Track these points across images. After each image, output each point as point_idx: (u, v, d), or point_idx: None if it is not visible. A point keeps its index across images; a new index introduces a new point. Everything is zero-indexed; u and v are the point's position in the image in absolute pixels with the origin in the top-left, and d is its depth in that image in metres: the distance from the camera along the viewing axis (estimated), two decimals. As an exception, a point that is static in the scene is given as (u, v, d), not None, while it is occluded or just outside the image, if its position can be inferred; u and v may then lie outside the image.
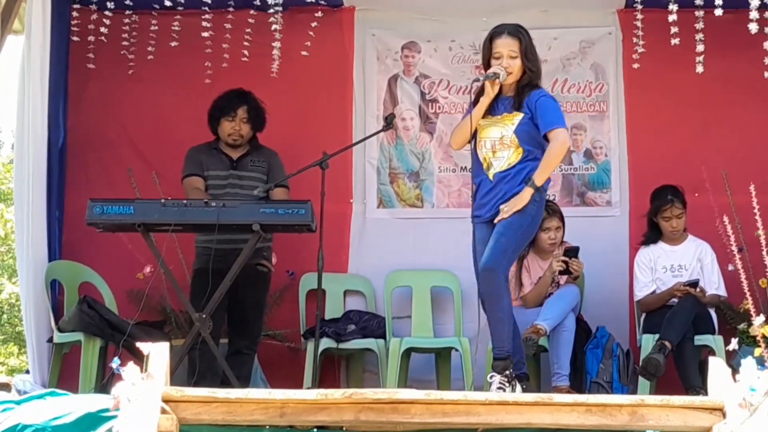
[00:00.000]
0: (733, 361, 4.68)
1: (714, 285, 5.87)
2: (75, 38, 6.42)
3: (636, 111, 6.57)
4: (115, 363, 3.33)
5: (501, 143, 4.88)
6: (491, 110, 4.95)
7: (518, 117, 4.89)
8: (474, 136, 4.96)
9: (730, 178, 6.25)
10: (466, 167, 6.46)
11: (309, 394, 3.37)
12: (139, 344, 3.35)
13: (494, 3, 6.60)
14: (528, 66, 4.90)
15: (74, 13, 6.39)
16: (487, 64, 4.96)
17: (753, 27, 5.29)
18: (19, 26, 6.34)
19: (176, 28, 6.33)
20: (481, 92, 4.95)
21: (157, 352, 3.34)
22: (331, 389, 3.42)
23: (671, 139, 6.48)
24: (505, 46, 4.90)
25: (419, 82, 6.72)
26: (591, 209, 6.56)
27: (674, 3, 5.52)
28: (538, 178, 4.78)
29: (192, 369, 5.43)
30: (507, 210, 4.75)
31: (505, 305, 4.75)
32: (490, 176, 4.89)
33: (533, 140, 4.88)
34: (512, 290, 5.92)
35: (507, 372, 4.68)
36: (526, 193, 4.76)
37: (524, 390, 4.71)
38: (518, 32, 4.95)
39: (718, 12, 5.43)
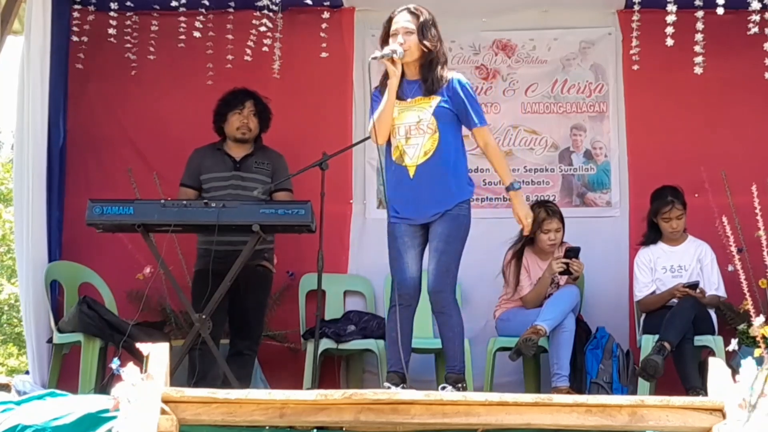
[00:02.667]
0: (732, 361, 4.69)
1: (714, 285, 5.87)
2: (75, 38, 6.42)
3: (636, 112, 6.57)
4: (114, 363, 3.33)
5: (417, 128, 4.68)
6: (400, 95, 4.71)
7: (435, 100, 4.68)
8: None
9: (729, 179, 6.25)
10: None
11: (309, 395, 3.37)
12: (138, 345, 3.36)
13: (494, 3, 6.60)
14: (424, 44, 4.66)
15: (74, 14, 6.39)
16: (384, 44, 4.75)
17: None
18: (18, 27, 6.34)
19: (177, 29, 6.33)
20: (386, 78, 4.72)
21: (157, 353, 3.34)
22: (330, 390, 3.42)
23: (671, 139, 6.48)
24: (401, 22, 4.71)
25: (419, 83, 6.71)
26: (591, 210, 6.56)
27: (673, 4, 5.52)
28: (510, 178, 4.74)
29: (192, 370, 5.44)
30: (529, 224, 4.73)
31: (454, 323, 4.72)
32: (409, 170, 4.68)
33: (450, 124, 4.70)
34: (509, 290, 5.95)
35: (459, 385, 4.65)
36: (521, 198, 4.73)
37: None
38: (417, 10, 4.75)
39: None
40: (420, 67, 4.73)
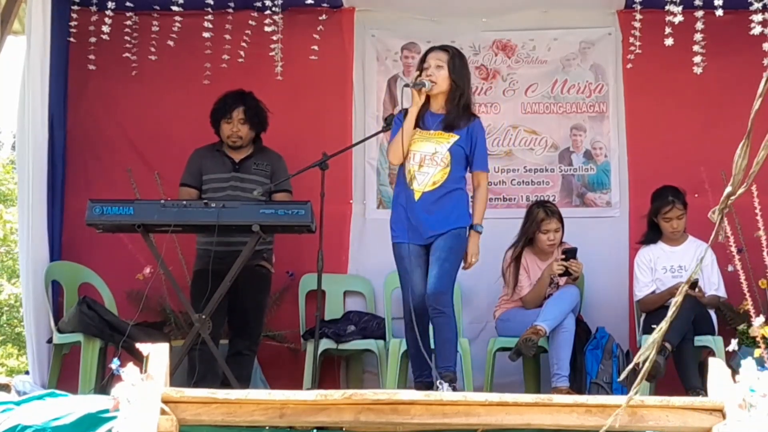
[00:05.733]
0: (732, 361, 4.69)
1: (714, 286, 5.87)
2: (74, 39, 6.42)
3: (636, 112, 6.57)
4: (114, 364, 3.33)
5: (432, 159, 5.04)
6: (421, 124, 5.10)
7: (454, 138, 5.07)
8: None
9: (729, 179, 6.23)
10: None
11: (309, 395, 3.37)
12: (138, 345, 3.35)
13: (494, 3, 6.60)
14: (453, 78, 5.05)
15: (74, 14, 6.39)
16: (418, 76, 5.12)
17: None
18: (18, 27, 6.34)
19: (177, 29, 6.33)
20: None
21: (157, 353, 3.34)
22: (330, 390, 3.42)
23: (671, 139, 6.48)
24: (433, 57, 5.08)
25: (419, 83, 6.71)
26: (591, 210, 6.56)
27: (677, 4, 5.52)
28: (480, 221, 5.09)
29: (192, 370, 5.43)
30: (472, 264, 5.09)
31: (453, 325, 5.03)
32: (416, 194, 5.03)
33: (461, 163, 5.08)
34: (509, 290, 5.95)
35: (454, 384, 4.91)
36: (476, 240, 5.06)
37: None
38: (448, 48, 5.17)
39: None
40: (446, 101, 5.08)
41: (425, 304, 5.00)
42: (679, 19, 5.51)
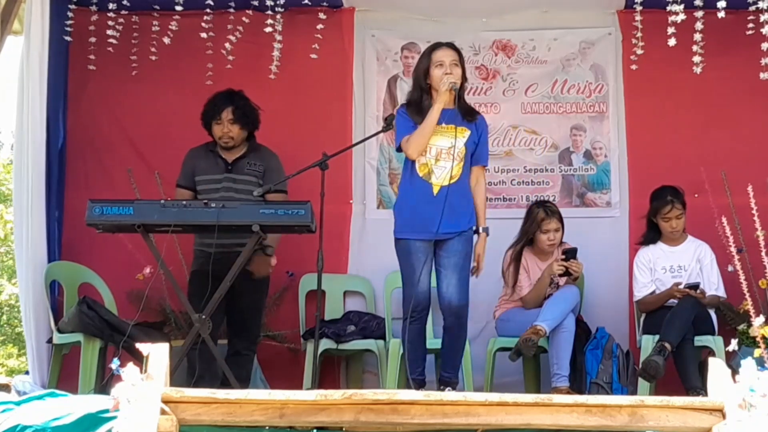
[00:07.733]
0: (732, 361, 4.69)
1: (713, 286, 5.87)
2: (72, 39, 6.41)
3: (636, 112, 6.58)
4: (114, 364, 3.33)
5: (448, 153, 5.09)
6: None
7: (467, 132, 5.14)
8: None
9: (729, 179, 6.25)
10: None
11: (309, 395, 3.36)
12: (138, 345, 3.35)
13: (494, 4, 6.61)
14: (465, 77, 5.19)
15: (73, 14, 6.39)
16: (424, 75, 5.15)
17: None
18: (18, 27, 6.34)
19: (177, 29, 6.32)
20: (418, 99, 5.16)
21: (157, 353, 3.33)
22: (330, 390, 3.42)
23: (671, 139, 6.49)
24: (447, 55, 5.14)
25: (419, 83, 6.71)
26: (591, 210, 6.56)
27: (678, 4, 5.51)
28: (485, 222, 5.19)
29: (191, 370, 5.43)
30: (481, 269, 5.18)
31: (465, 337, 5.22)
32: (434, 188, 5.08)
33: (470, 156, 5.16)
34: (509, 290, 5.95)
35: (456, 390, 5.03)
36: (484, 243, 5.16)
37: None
38: (454, 45, 5.24)
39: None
40: (455, 98, 5.10)
41: (426, 303, 5.09)
42: (681, 17, 5.50)
